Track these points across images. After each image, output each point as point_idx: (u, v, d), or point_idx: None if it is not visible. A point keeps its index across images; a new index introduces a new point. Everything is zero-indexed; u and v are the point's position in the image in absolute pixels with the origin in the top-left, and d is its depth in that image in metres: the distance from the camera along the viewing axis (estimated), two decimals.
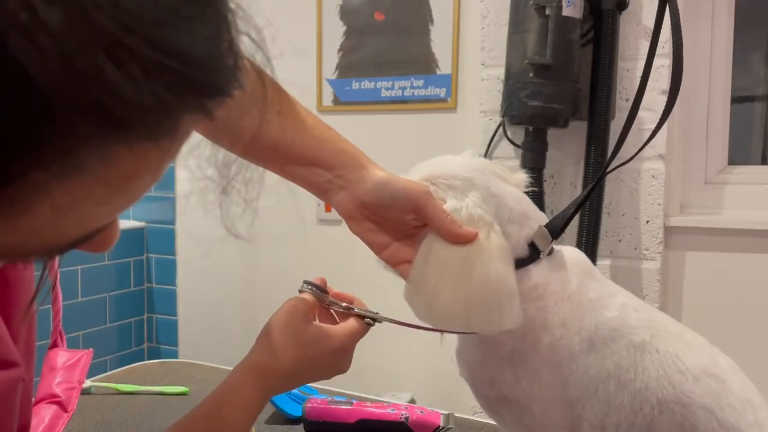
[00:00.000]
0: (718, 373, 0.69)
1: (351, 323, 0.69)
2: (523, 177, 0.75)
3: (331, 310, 0.71)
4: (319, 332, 0.67)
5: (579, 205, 0.73)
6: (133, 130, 0.29)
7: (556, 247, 0.72)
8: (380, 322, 0.71)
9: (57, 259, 0.82)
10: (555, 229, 0.70)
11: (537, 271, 0.68)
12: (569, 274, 0.70)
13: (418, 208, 0.67)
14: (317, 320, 0.70)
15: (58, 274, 0.81)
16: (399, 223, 0.69)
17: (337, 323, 0.70)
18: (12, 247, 0.31)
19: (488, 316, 0.64)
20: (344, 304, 0.71)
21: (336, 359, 0.68)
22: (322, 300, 0.70)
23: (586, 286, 0.70)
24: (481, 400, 0.74)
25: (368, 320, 0.70)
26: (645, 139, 0.75)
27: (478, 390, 0.74)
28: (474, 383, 0.74)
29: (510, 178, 0.74)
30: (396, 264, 0.70)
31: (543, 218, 0.72)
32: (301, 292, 0.70)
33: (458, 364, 0.76)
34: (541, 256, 0.69)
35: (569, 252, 0.74)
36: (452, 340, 0.76)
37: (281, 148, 0.70)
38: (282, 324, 0.66)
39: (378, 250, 0.70)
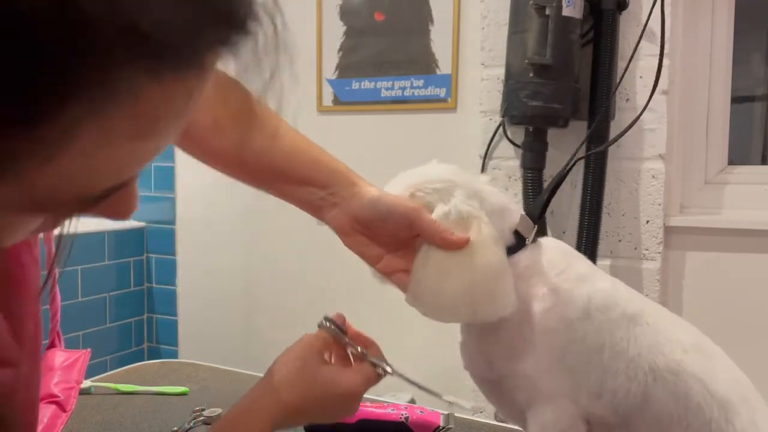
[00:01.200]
0: (706, 350, 0.73)
1: (364, 370, 0.69)
2: (486, 178, 0.79)
3: (348, 351, 0.71)
4: (330, 375, 0.67)
5: (552, 191, 0.78)
6: (163, 60, 0.29)
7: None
8: (392, 374, 0.72)
9: (57, 262, 0.83)
10: (534, 216, 0.75)
11: (525, 255, 0.73)
12: (556, 256, 0.75)
13: (412, 223, 0.71)
14: (332, 359, 0.71)
15: (57, 275, 0.81)
16: (391, 236, 0.73)
17: (351, 364, 0.71)
18: (45, 195, 0.31)
19: (492, 301, 0.69)
20: (359, 349, 0.71)
21: (344, 404, 0.69)
22: (340, 339, 0.70)
23: (574, 264, 0.75)
24: (483, 386, 0.77)
25: (380, 370, 0.70)
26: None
27: (479, 376, 0.76)
28: (474, 371, 0.77)
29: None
30: (391, 273, 0.74)
31: (520, 210, 0.77)
32: (320, 326, 0.71)
33: (462, 358, 0.79)
34: (526, 243, 0.74)
35: (551, 241, 0.78)
36: (451, 340, 0.76)
37: (278, 170, 0.76)
38: (294, 359, 0.67)
39: (373, 261, 0.74)
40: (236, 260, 2.36)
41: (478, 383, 0.77)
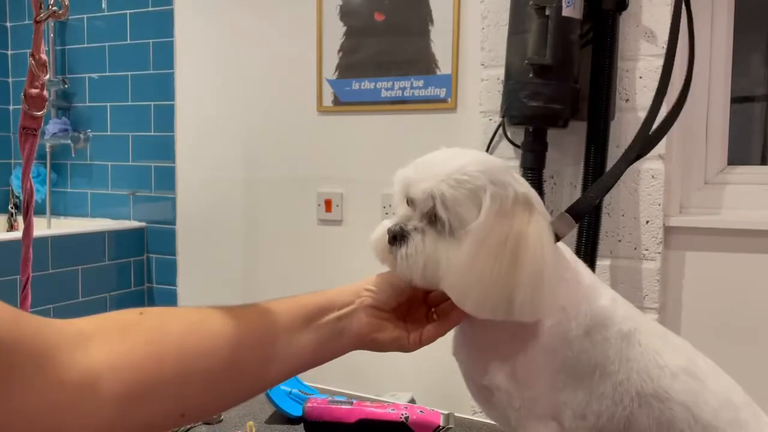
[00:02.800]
0: (696, 373, 0.70)
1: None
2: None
3: None
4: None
5: (603, 192, 0.75)
6: None
7: None
8: None
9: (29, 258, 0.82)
10: (578, 215, 0.72)
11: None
12: (567, 259, 0.71)
13: None
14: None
15: (30, 276, 0.81)
16: (406, 303, 0.72)
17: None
18: None
19: (534, 304, 0.64)
20: None
21: None
22: None
23: (579, 271, 0.71)
24: (474, 388, 0.75)
25: None
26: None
27: (473, 380, 0.74)
28: (469, 374, 0.74)
29: None
30: (418, 328, 0.71)
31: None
32: None
33: (458, 362, 0.76)
34: (559, 243, 0.70)
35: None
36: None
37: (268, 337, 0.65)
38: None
39: (407, 341, 0.71)
40: (236, 260, 2.36)
41: (470, 387, 0.76)
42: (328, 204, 2.15)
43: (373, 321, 0.69)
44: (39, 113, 0.78)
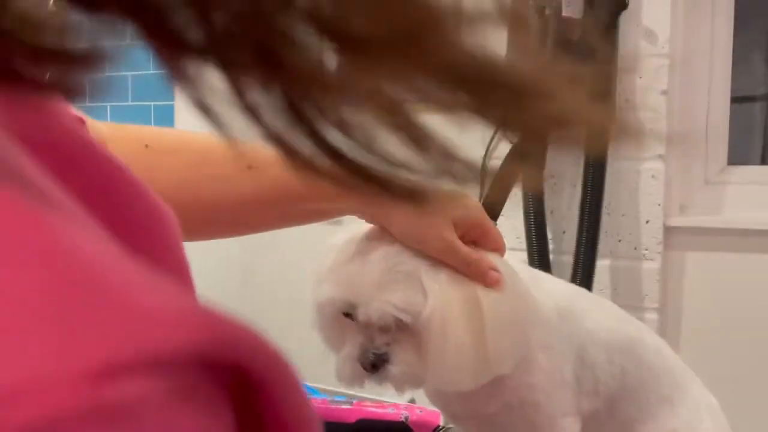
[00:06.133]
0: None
1: None
2: None
3: None
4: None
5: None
6: None
7: None
8: None
9: None
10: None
11: None
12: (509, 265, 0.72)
13: (484, 231, 0.65)
14: None
15: None
16: None
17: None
18: None
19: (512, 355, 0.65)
20: None
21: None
22: None
23: (520, 269, 0.72)
24: (474, 420, 0.74)
25: None
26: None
27: (474, 411, 0.72)
28: (468, 406, 0.72)
29: None
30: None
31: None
32: None
33: (437, 400, 0.76)
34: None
35: None
36: None
37: (281, 194, 0.63)
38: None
39: None
40: (236, 260, 2.36)
41: (466, 418, 0.75)
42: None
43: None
44: None
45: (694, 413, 0.76)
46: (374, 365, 0.64)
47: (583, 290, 0.84)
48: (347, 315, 0.66)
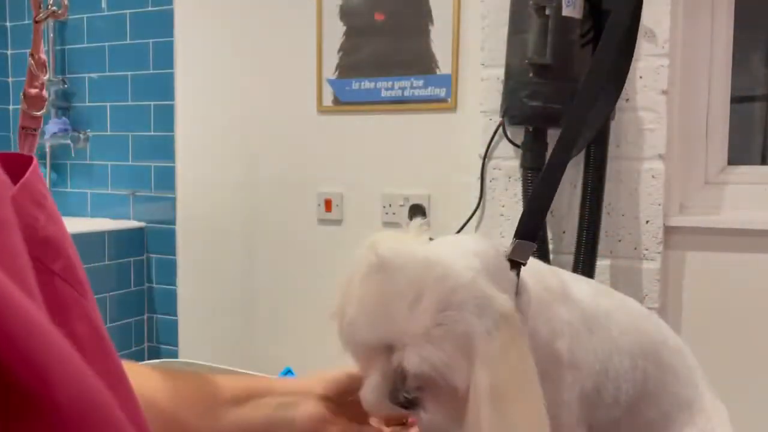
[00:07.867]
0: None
1: None
2: (418, 222, 0.66)
3: None
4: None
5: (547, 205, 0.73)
6: None
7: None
8: None
9: None
10: (530, 235, 0.67)
11: (529, 289, 0.66)
12: (541, 276, 0.71)
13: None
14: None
15: None
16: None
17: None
18: None
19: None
20: None
21: None
22: None
23: (550, 278, 0.72)
24: None
25: None
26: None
27: None
28: None
29: (412, 233, 0.66)
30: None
31: (493, 244, 0.67)
32: None
33: None
34: (521, 276, 0.65)
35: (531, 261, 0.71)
36: None
37: (204, 402, 0.61)
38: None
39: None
40: (236, 260, 2.36)
41: None
42: (327, 204, 2.14)
43: (321, 412, 0.64)
44: (38, 113, 0.78)
45: (708, 423, 0.75)
46: (405, 407, 0.61)
47: (603, 286, 0.83)
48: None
